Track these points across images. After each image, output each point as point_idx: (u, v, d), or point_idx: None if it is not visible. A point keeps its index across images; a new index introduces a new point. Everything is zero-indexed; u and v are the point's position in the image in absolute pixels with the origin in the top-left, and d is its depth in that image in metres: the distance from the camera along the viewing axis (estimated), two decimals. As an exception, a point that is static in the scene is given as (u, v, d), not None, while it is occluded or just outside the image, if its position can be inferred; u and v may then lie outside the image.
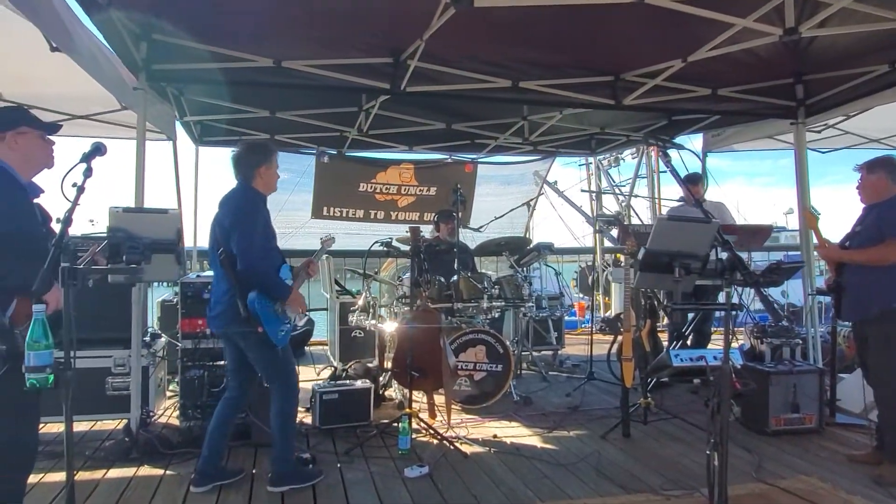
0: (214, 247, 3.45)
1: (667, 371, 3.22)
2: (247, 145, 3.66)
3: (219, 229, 3.45)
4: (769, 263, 3.48)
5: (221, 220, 3.45)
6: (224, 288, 3.41)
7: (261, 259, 3.37)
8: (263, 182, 3.60)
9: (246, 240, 3.31)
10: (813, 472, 3.75)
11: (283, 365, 3.54)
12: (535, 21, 4.21)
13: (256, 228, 3.39)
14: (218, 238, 3.44)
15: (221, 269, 3.38)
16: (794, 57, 4.87)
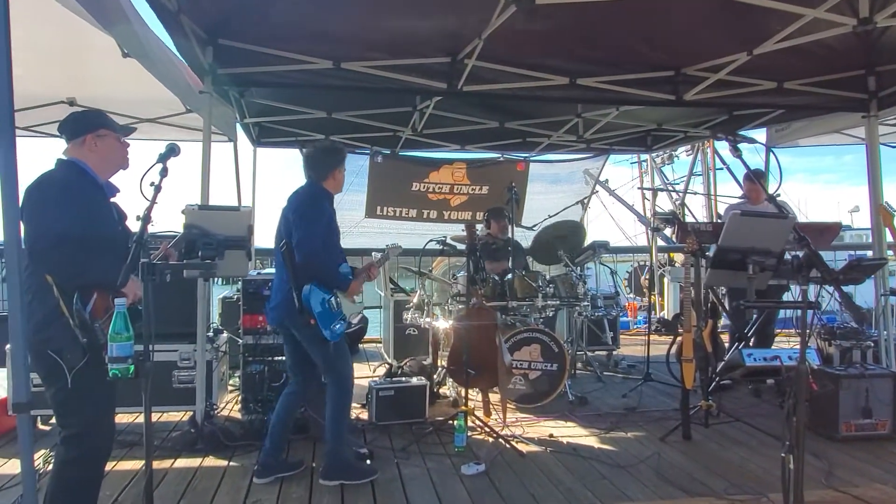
0: (278, 240, 3.55)
1: (739, 371, 3.12)
2: (323, 147, 3.80)
3: (283, 223, 3.57)
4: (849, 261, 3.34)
5: (287, 213, 3.57)
6: (282, 280, 3.52)
7: (320, 250, 3.44)
8: (335, 183, 3.74)
9: (306, 231, 3.40)
10: (888, 479, 3.58)
11: (335, 360, 3.59)
12: (595, 17, 4.15)
13: (319, 222, 3.50)
14: (282, 231, 3.56)
15: (281, 261, 3.49)
16: (867, 47, 4.66)
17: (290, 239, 3.44)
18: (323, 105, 6.47)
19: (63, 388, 2.41)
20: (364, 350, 7.59)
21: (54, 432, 2.56)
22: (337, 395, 3.62)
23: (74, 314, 2.25)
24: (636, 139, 7.98)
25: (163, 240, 2.91)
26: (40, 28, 3.74)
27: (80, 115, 2.82)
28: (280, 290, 3.55)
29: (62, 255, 2.34)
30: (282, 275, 3.54)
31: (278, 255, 3.53)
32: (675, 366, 4.65)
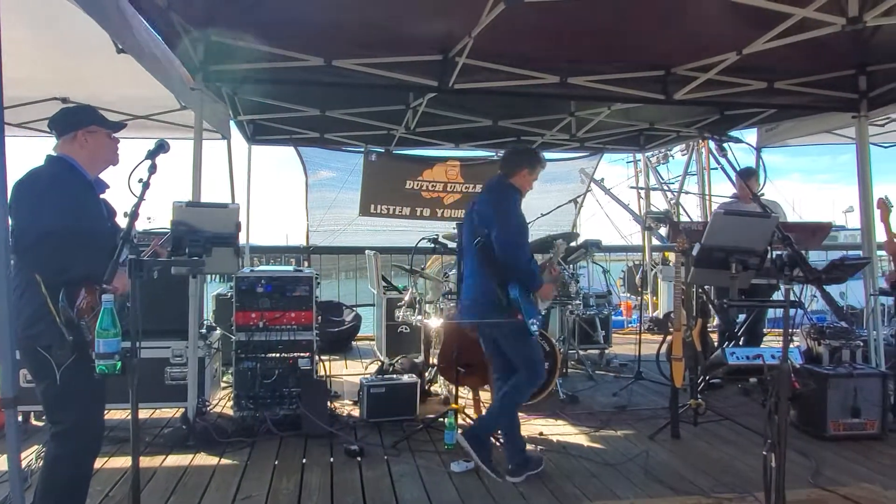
0: (471, 236, 3.61)
1: (722, 369, 3.14)
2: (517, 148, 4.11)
3: (478, 218, 3.61)
4: (832, 260, 3.37)
5: (483, 209, 3.61)
6: (480, 278, 3.59)
7: (520, 249, 3.50)
8: (520, 182, 3.74)
9: (506, 231, 3.48)
10: (875, 479, 3.61)
11: (535, 353, 3.67)
12: (584, 16, 4.17)
13: (516, 221, 3.56)
14: (476, 227, 3.59)
15: (476, 258, 3.58)
16: (857, 47, 4.68)
17: (487, 235, 3.50)
18: (317, 102, 6.47)
19: (52, 385, 2.42)
20: (357, 347, 7.62)
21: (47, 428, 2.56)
22: (525, 387, 3.66)
23: (60, 312, 2.26)
24: (629, 138, 8.00)
25: (154, 236, 2.92)
26: (33, 25, 3.74)
27: (71, 112, 2.83)
28: (476, 286, 3.62)
29: (48, 251, 2.35)
30: (476, 271, 3.62)
31: (471, 253, 3.61)
32: (665, 365, 4.68)
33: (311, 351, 4.56)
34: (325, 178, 8.36)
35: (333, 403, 4.91)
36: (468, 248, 3.67)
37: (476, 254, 3.58)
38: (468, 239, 3.68)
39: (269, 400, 4.46)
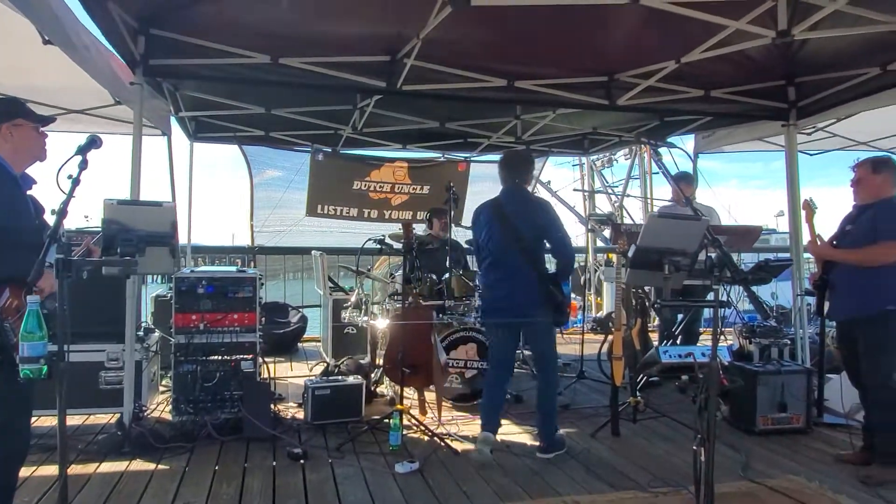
0: (511, 239, 3.86)
1: (655, 367, 3.26)
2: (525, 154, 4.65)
3: (521, 223, 3.88)
4: (757, 262, 3.53)
5: (530, 215, 3.91)
6: (524, 278, 3.85)
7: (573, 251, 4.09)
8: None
9: (566, 235, 4.02)
10: (800, 471, 3.78)
11: (555, 345, 4.11)
12: (531, 21, 4.24)
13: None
14: (520, 231, 3.85)
15: (519, 259, 3.85)
16: (787, 59, 4.91)
17: (533, 238, 3.87)
18: (262, 100, 6.35)
19: (-27, 390, 2.31)
20: (303, 349, 7.52)
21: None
22: (554, 376, 4.12)
23: (-19, 313, 2.16)
24: (574, 142, 8.15)
25: (88, 235, 2.82)
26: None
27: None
28: (518, 286, 3.86)
29: None
30: (518, 271, 3.86)
31: (512, 254, 3.85)
32: (606, 364, 4.80)
33: (254, 353, 4.49)
34: (270, 178, 8.22)
35: (277, 406, 4.84)
36: (506, 250, 3.89)
37: (519, 255, 3.84)
38: (505, 242, 3.89)
39: (210, 403, 4.36)
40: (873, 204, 3.82)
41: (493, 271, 4.01)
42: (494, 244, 3.95)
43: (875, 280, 3.69)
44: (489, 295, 4.13)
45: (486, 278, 4.09)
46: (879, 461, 3.70)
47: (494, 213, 3.98)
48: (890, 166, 3.82)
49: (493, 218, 3.98)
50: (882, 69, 4.58)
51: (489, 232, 3.99)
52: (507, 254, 3.90)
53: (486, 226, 4.01)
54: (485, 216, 4.06)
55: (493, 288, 4.03)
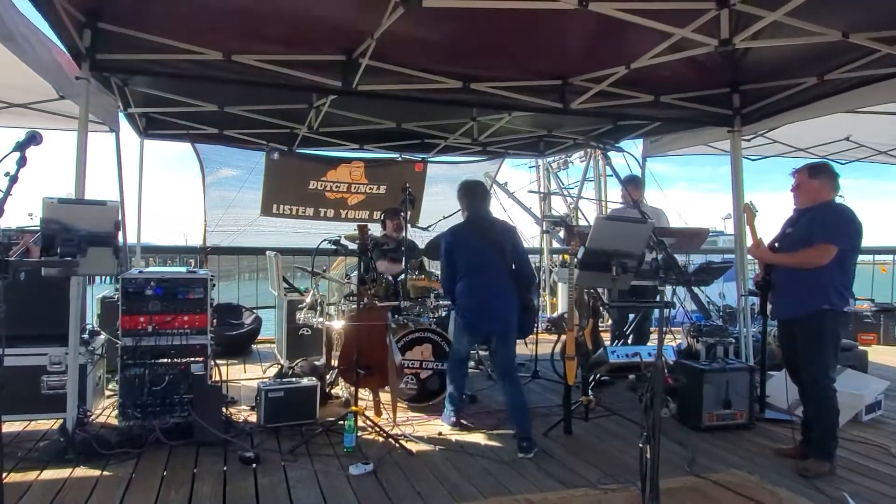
0: (498, 253, 4.31)
1: (603, 367, 3.33)
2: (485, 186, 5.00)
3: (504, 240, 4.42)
4: (700, 264, 3.66)
5: (506, 237, 4.45)
6: (510, 290, 4.33)
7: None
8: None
9: (528, 258, 4.65)
10: (743, 465, 3.91)
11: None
12: (484, 24, 4.27)
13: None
14: (504, 247, 4.36)
15: (504, 273, 4.32)
16: (732, 67, 5.08)
17: (512, 256, 4.37)
18: (215, 98, 6.23)
19: None
20: (257, 350, 7.40)
21: None
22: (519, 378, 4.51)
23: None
24: (530, 144, 8.25)
25: (29, 234, 2.72)
26: None
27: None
28: (508, 296, 4.32)
29: None
30: (506, 284, 4.31)
31: (501, 267, 4.33)
32: (559, 363, 4.87)
33: (204, 355, 4.40)
34: (224, 177, 8.08)
35: (229, 409, 4.75)
36: (496, 265, 4.33)
37: (504, 271, 4.32)
38: (491, 258, 4.32)
39: (159, 408, 4.25)
40: (811, 208, 3.97)
41: (480, 290, 4.35)
42: (480, 260, 4.33)
43: (813, 281, 3.84)
44: (476, 304, 4.38)
45: (472, 290, 4.37)
46: (816, 455, 3.86)
47: (477, 233, 4.40)
48: (826, 172, 3.99)
49: (475, 237, 4.39)
50: (819, 79, 4.78)
51: (473, 249, 4.37)
52: (494, 269, 4.32)
53: (471, 246, 4.38)
54: (468, 237, 4.43)
55: (482, 298, 4.35)
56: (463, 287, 4.40)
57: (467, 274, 4.37)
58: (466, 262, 4.37)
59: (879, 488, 3.60)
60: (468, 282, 4.37)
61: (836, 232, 3.80)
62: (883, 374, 5.90)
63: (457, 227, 4.57)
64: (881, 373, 5.97)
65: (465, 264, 4.37)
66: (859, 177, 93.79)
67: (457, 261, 4.40)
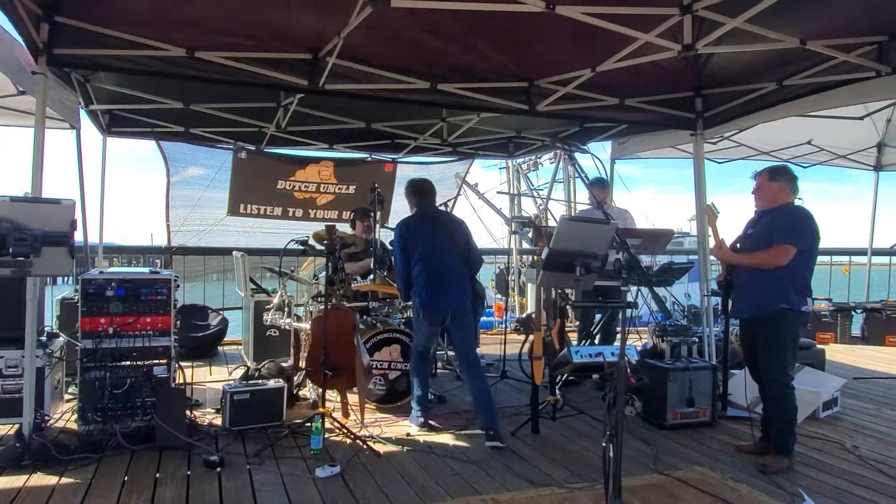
0: (451, 241, 4.57)
1: (567, 367, 3.36)
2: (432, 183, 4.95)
3: (457, 230, 4.71)
4: (661, 264, 3.73)
5: (459, 228, 4.77)
6: (464, 276, 4.61)
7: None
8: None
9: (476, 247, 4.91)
10: (705, 462, 3.99)
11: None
12: (453, 24, 4.28)
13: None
14: (457, 236, 4.64)
15: (458, 260, 4.56)
16: (695, 72, 5.18)
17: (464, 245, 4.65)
18: (180, 95, 6.13)
19: None
20: (224, 352, 7.30)
21: None
22: (482, 368, 4.69)
23: None
24: (499, 145, 8.28)
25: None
26: None
27: None
28: (463, 281, 4.59)
29: None
30: (461, 270, 4.58)
31: (455, 255, 4.56)
32: (527, 363, 4.90)
33: (168, 357, 4.32)
34: (190, 175, 7.94)
35: (193, 412, 4.67)
36: (449, 249, 4.56)
37: (458, 258, 4.56)
38: (447, 247, 4.56)
39: (120, 411, 4.16)
40: (771, 210, 4.07)
41: (437, 271, 4.52)
42: (434, 246, 4.53)
43: (772, 281, 3.92)
44: (432, 283, 4.53)
45: (430, 277, 4.53)
46: (775, 451, 3.96)
47: (433, 224, 4.63)
48: (785, 175, 4.09)
49: (431, 227, 4.60)
50: (778, 84, 4.90)
51: (426, 236, 4.56)
52: (447, 253, 4.54)
53: (425, 234, 4.57)
54: (421, 226, 4.62)
55: (437, 278, 4.52)
56: (419, 271, 4.54)
57: (422, 259, 4.53)
58: (421, 249, 4.54)
59: (835, 483, 3.71)
60: (423, 266, 4.53)
61: (795, 233, 3.90)
62: (839, 371, 6.09)
63: (409, 218, 4.76)
64: (838, 371, 6.16)
65: (420, 250, 4.54)
66: (820, 180, 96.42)
67: (411, 248, 4.56)
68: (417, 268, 4.55)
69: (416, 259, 4.55)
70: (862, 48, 4.27)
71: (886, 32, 4.15)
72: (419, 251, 4.54)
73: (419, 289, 4.56)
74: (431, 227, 4.62)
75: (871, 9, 3.98)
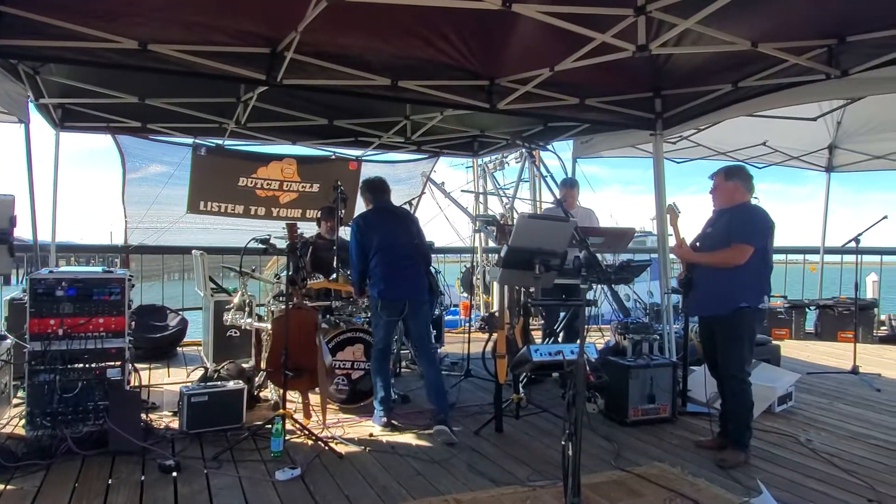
0: (409, 238, 4.69)
1: (527, 366, 3.37)
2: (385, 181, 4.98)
3: (414, 227, 4.84)
4: (620, 262, 3.78)
5: (411, 223, 4.88)
6: (420, 268, 4.70)
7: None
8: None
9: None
10: (665, 458, 4.04)
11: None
12: (413, 21, 4.24)
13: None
14: (413, 232, 4.76)
15: (414, 254, 4.66)
16: (653, 73, 5.25)
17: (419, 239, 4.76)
18: (135, 89, 5.96)
19: None
20: (183, 354, 7.14)
21: None
22: (436, 356, 4.95)
23: None
24: (464, 144, 8.28)
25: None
26: None
27: None
28: (418, 273, 4.68)
29: None
30: (416, 261, 4.66)
31: (411, 248, 4.66)
32: (491, 362, 4.90)
33: (122, 359, 4.19)
34: (147, 172, 7.74)
35: (149, 416, 4.55)
36: (406, 242, 4.66)
37: (414, 251, 4.66)
38: (403, 240, 4.66)
39: (71, 416, 4.02)
40: (728, 209, 4.15)
41: (394, 262, 4.58)
42: (394, 241, 4.61)
43: (731, 279, 3.99)
44: (389, 273, 4.57)
45: (388, 268, 4.58)
46: (733, 446, 4.03)
47: (389, 218, 4.74)
48: (741, 174, 4.17)
49: (387, 221, 4.71)
50: (734, 86, 5.01)
51: (382, 230, 4.63)
52: (406, 249, 4.64)
53: (381, 227, 4.64)
54: (378, 220, 4.71)
55: (394, 268, 4.58)
56: (376, 262, 4.59)
57: (379, 251, 4.59)
58: (378, 241, 4.59)
59: (789, 476, 3.79)
60: (380, 258, 4.58)
61: (752, 232, 3.97)
62: (794, 367, 6.24)
63: (366, 212, 4.85)
64: (792, 366, 6.31)
65: (377, 243, 4.59)
66: (775, 181, 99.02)
67: (367, 242, 4.61)
68: (375, 260, 4.59)
69: (374, 251, 4.59)
70: (813, 51, 4.38)
71: (835, 36, 4.26)
72: (376, 243, 4.59)
73: (376, 280, 4.58)
74: (388, 221, 4.71)
75: (819, 13, 4.08)
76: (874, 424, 4.81)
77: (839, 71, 4.36)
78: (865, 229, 6.69)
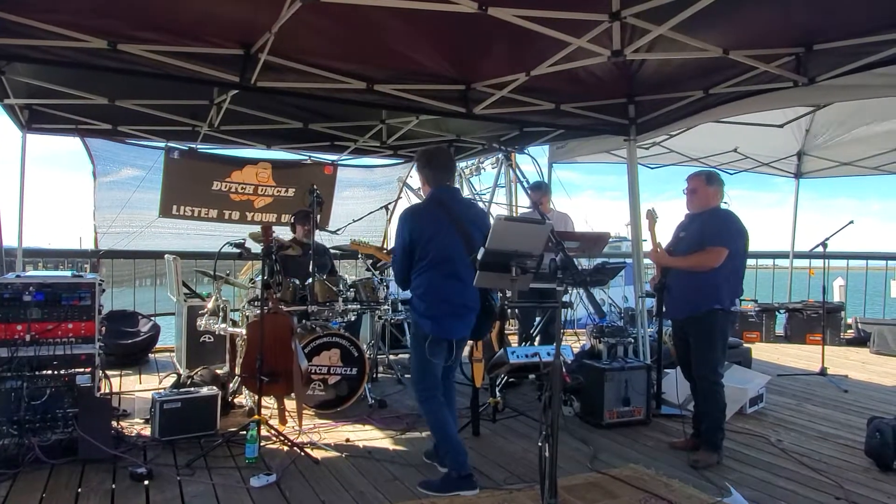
0: (468, 248, 3.52)
1: (504, 368, 3.36)
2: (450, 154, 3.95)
3: (474, 229, 3.59)
4: (595, 265, 3.82)
5: (477, 220, 3.68)
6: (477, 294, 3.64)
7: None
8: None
9: None
10: (640, 459, 4.08)
11: None
12: (388, 23, 4.24)
13: None
14: (473, 238, 3.54)
15: (470, 267, 3.47)
16: (627, 79, 5.32)
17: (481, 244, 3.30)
18: (105, 90, 5.86)
19: None
20: (155, 360, 7.02)
21: None
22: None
23: None
24: (440, 148, 8.29)
25: None
26: None
27: None
28: (474, 293, 3.61)
29: None
30: (471, 276, 3.29)
31: (466, 257, 3.50)
32: (467, 366, 4.90)
33: (92, 366, 4.10)
34: (119, 176, 7.61)
35: (120, 423, 4.46)
36: (461, 255, 3.53)
37: (470, 262, 3.47)
38: (459, 246, 3.54)
39: (39, 424, 3.91)
40: (702, 213, 4.22)
41: (447, 277, 3.56)
42: (446, 248, 3.53)
43: (704, 282, 4.06)
44: (445, 303, 3.59)
45: (438, 284, 3.58)
46: (705, 446, 4.09)
47: (443, 214, 3.55)
48: (720, 180, 4.28)
49: (440, 219, 3.55)
50: (705, 92, 5.11)
51: (436, 234, 3.54)
52: (462, 259, 3.53)
53: (432, 226, 3.55)
54: (429, 216, 3.61)
55: (451, 295, 3.58)
56: (426, 281, 3.59)
57: (432, 266, 3.56)
58: (434, 254, 3.55)
59: (760, 476, 3.85)
60: (433, 275, 3.57)
61: (727, 236, 4.05)
62: (764, 369, 6.35)
63: (419, 206, 3.80)
64: (763, 368, 6.42)
65: (433, 255, 3.55)
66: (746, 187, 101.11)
67: (417, 246, 3.58)
68: (426, 276, 3.58)
69: (426, 263, 3.56)
70: (781, 59, 4.49)
71: (803, 45, 4.37)
72: (431, 255, 3.55)
73: (426, 307, 3.59)
74: (448, 219, 3.56)
75: (788, 22, 4.19)
76: (842, 424, 4.91)
77: (807, 78, 4.47)
78: (832, 234, 6.85)
